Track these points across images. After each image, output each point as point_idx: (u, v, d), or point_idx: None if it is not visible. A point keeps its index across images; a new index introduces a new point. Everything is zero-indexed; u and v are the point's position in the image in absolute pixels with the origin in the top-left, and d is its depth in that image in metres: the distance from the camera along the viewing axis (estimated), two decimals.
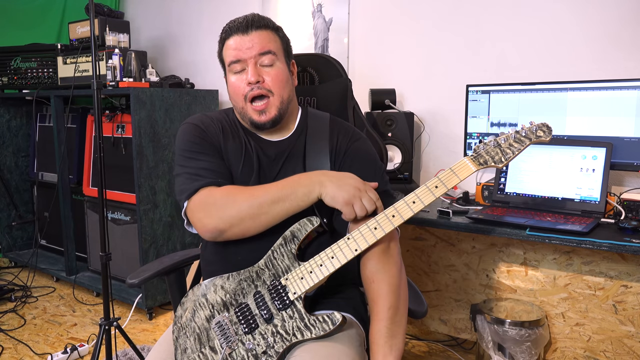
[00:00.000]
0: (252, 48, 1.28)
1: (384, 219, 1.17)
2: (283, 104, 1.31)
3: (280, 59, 1.31)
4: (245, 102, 1.30)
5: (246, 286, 1.23)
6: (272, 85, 1.29)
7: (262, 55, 1.28)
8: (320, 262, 1.19)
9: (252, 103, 1.30)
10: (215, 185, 1.25)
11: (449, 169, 1.16)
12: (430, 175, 2.55)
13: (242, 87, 1.29)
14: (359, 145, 1.37)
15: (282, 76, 1.31)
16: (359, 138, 1.39)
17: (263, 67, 1.29)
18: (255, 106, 1.29)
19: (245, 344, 1.18)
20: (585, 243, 1.61)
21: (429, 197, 1.16)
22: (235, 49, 1.28)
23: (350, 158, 1.34)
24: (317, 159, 1.33)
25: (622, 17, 2.07)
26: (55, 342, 2.61)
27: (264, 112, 1.29)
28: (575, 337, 2.14)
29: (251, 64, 1.28)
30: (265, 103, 1.29)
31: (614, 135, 1.91)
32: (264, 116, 1.30)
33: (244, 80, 1.29)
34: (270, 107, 1.30)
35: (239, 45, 1.28)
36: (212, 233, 1.23)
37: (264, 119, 1.30)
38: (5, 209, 3.75)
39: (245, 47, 1.28)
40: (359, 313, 1.36)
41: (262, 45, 1.28)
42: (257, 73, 1.28)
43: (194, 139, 1.33)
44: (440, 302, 2.47)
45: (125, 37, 3.03)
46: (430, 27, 2.53)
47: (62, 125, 3.21)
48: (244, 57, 1.28)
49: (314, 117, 1.41)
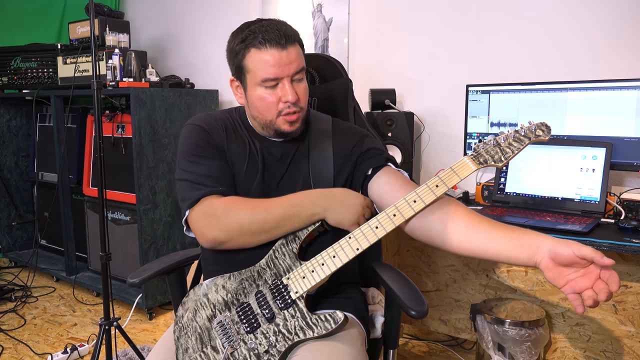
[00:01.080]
0: (290, 66, 1.23)
1: (385, 218, 1.17)
2: (306, 115, 1.33)
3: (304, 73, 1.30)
4: (277, 116, 1.28)
5: (248, 286, 1.23)
6: (304, 101, 1.29)
7: (296, 73, 1.25)
8: (322, 261, 1.19)
9: (284, 115, 1.28)
10: (217, 194, 1.25)
11: (449, 168, 1.16)
12: (430, 175, 2.55)
13: (274, 102, 1.25)
14: (367, 143, 1.36)
15: (307, 89, 1.30)
16: (365, 136, 1.39)
17: (294, 82, 1.26)
18: (287, 117, 1.27)
19: (247, 343, 1.18)
20: (585, 243, 1.61)
21: (430, 196, 1.16)
22: (274, 66, 1.22)
23: (363, 156, 1.33)
24: (321, 161, 1.33)
25: (621, 16, 2.07)
26: (55, 342, 2.61)
27: (294, 123, 1.28)
28: (575, 337, 2.14)
29: (287, 82, 1.24)
30: (297, 115, 1.28)
31: (614, 135, 1.91)
32: (293, 127, 1.29)
33: (277, 96, 1.25)
34: (299, 119, 1.30)
35: (278, 61, 1.22)
36: (212, 243, 1.24)
37: (293, 129, 1.29)
38: (5, 209, 3.75)
39: (284, 63, 1.22)
40: (361, 312, 1.36)
41: (298, 63, 1.25)
42: (295, 92, 1.25)
43: (198, 142, 1.32)
44: (440, 302, 2.48)
45: (125, 37, 3.03)
46: (430, 27, 2.54)
47: (62, 125, 3.21)
48: (282, 74, 1.23)
49: (316, 119, 1.41)
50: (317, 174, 1.31)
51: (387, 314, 1.38)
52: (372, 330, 1.41)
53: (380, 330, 1.41)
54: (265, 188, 1.31)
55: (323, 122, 1.40)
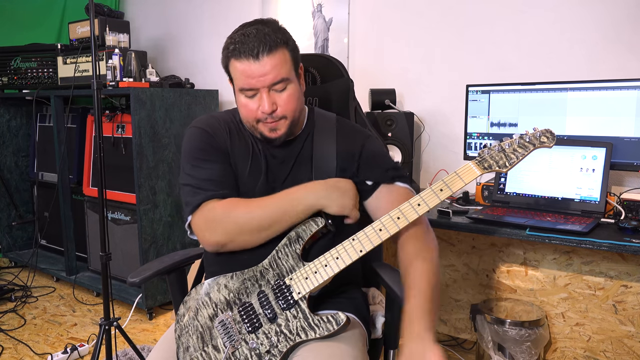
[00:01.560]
0: (264, 77, 1.20)
1: (389, 221, 1.18)
2: (295, 121, 1.30)
3: (292, 79, 1.25)
4: (257, 122, 1.27)
5: (250, 285, 1.23)
6: (286, 110, 1.25)
7: (275, 83, 1.22)
8: (325, 262, 1.19)
9: (264, 122, 1.27)
10: (218, 198, 1.26)
11: (453, 172, 1.18)
12: (430, 175, 2.55)
13: (254, 110, 1.25)
14: (370, 146, 1.36)
15: (294, 97, 1.26)
16: (368, 137, 1.39)
17: (275, 92, 1.24)
18: (267, 125, 1.26)
19: (248, 343, 1.18)
20: (585, 243, 1.62)
21: (434, 200, 1.17)
22: (247, 77, 1.21)
23: (365, 161, 1.34)
24: (324, 161, 1.32)
25: (621, 16, 2.07)
26: (55, 342, 2.61)
27: (275, 129, 1.27)
28: (575, 337, 2.14)
29: (264, 93, 1.22)
30: (276, 124, 1.26)
31: (614, 135, 1.92)
32: (274, 133, 1.27)
33: (256, 104, 1.24)
34: (282, 126, 1.27)
35: (249, 72, 1.20)
36: (214, 247, 1.26)
37: (274, 136, 1.28)
38: (5, 209, 3.75)
39: (257, 74, 1.20)
40: (362, 313, 1.36)
41: (275, 75, 1.21)
42: (271, 102, 1.23)
43: (200, 145, 1.32)
44: (441, 302, 2.48)
45: (125, 37, 3.03)
46: (430, 27, 2.54)
47: (62, 125, 3.21)
48: (256, 86, 1.21)
49: (320, 118, 1.40)
50: (320, 173, 1.31)
51: (388, 314, 1.38)
52: (373, 330, 1.41)
53: (381, 330, 1.42)
54: (269, 189, 1.31)
55: (327, 121, 1.40)
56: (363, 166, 1.33)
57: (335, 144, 1.35)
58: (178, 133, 2.90)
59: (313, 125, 1.38)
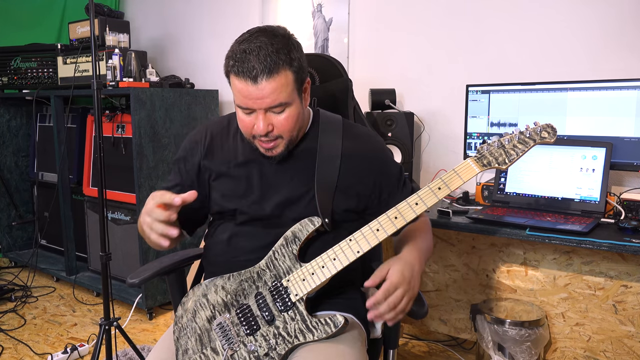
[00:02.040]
0: (262, 101, 1.16)
1: (386, 221, 1.17)
2: (292, 140, 1.26)
3: (293, 102, 1.20)
4: (253, 139, 1.25)
5: (247, 287, 1.23)
6: (282, 130, 1.22)
7: (272, 107, 1.18)
8: (322, 263, 1.18)
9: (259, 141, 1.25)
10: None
11: (452, 170, 1.15)
12: (430, 175, 2.55)
13: (250, 126, 1.22)
14: (376, 150, 1.36)
15: (293, 118, 1.22)
16: (377, 142, 1.39)
17: (273, 113, 1.20)
18: (262, 143, 1.24)
19: (247, 345, 1.18)
20: (585, 243, 1.61)
21: (432, 198, 1.15)
22: (244, 97, 1.17)
23: (368, 163, 1.33)
24: (328, 160, 1.31)
25: (621, 16, 2.07)
26: (55, 342, 2.61)
27: (270, 149, 1.25)
28: (575, 337, 2.14)
29: (261, 114, 1.19)
30: (272, 144, 1.24)
31: (614, 135, 1.91)
32: (271, 152, 1.26)
33: (252, 123, 1.21)
34: (279, 146, 1.25)
35: (246, 93, 1.17)
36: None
37: (272, 154, 1.26)
38: (5, 209, 3.75)
39: (254, 97, 1.16)
40: (361, 314, 1.35)
41: (273, 99, 1.16)
42: (267, 123, 1.19)
43: (177, 159, 1.42)
44: (440, 302, 2.47)
45: (125, 37, 3.02)
46: (430, 27, 2.53)
47: (62, 125, 3.21)
48: (253, 107, 1.18)
49: (326, 120, 1.38)
50: (323, 171, 1.30)
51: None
52: (372, 330, 1.41)
53: (380, 330, 1.41)
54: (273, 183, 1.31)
55: (333, 123, 1.38)
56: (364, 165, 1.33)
57: (341, 145, 1.33)
58: (178, 133, 2.90)
59: (318, 125, 1.37)
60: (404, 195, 1.23)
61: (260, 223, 1.31)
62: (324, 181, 1.29)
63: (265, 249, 1.24)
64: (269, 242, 1.25)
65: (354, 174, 1.31)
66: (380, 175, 1.34)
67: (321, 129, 1.35)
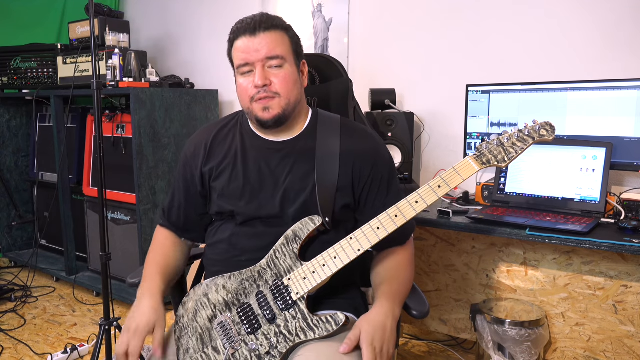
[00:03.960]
0: (259, 51, 1.24)
1: (386, 219, 1.17)
2: (289, 105, 1.29)
3: (289, 61, 1.28)
4: (252, 102, 1.28)
5: (248, 286, 1.23)
6: (280, 87, 1.26)
7: (270, 59, 1.25)
8: (323, 262, 1.19)
9: (258, 101, 1.28)
10: (164, 226, 1.49)
11: (451, 168, 1.16)
12: (430, 175, 2.55)
13: (249, 88, 1.27)
14: (370, 148, 1.36)
15: (290, 78, 1.28)
16: (372, 140, 1.40)
17: (271, 69, 1.26)
18: (259, 102, 1.27)
19: (248, 344, 1.18)
20: (585, 243, 1.61)
21: (432, 197, 1.16)
22: (243, 52, 1.26)
23: (362, 160, 1.34)
24: (327, 158, 1.31)
25: (621, 16, 2.07)
26: (55, 342, 2.61)
27: (267, 109, 1.27)
28: (575, 337, 2.14)
29: (259, 67, 1.25)
30: (268, 100, 1.27)
31: (614, 135, 1.91)
32: (267, 113, 1.27)
33: (251, 82, 1.26)
34: (275, 105, 1.27)
35: (246, 47, 1.25)
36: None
37: (267, 117, 1.28)
38: (5, 209, 3.75)
39: (252, 49, 1.25)
40: (361, 313, 1.35)
41: (269, 49, 1.25)
42: (265, 76, 1.25)
43: (179, 168, 1.47)
44: (440, 302, 2.48)
45: (125, 37, 3.03)
46: (430, 26, 2.54)
47: (62, 125, 3.21)
48: (251, 60, 1.25)
49: (324, 119, 1.40)
50: (322, 169, 1.30)
51: None
52: None
53: None
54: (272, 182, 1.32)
55: (331, 122, 1.39)
56: (363, 165, 1.33)
57: (339, 143, 1.34)
58: (178, 133, 2.90)
59: (316, 124, 1.38)
60: (387, 199, 1.26)
61: (261, 223, 1.31)
62: (324, 180, 1.29)
63: (266, 249, 1.25)
64: (269, 241, 1.25)
65: (351, 171, 1.32)
66: (370, 173, 1.33)
67: (320, 128, 1.36)
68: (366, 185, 1.33)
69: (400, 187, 1.41)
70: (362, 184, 1.33)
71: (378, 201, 1.32)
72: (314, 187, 1.28)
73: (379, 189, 1.34)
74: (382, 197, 1.33)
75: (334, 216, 1.28)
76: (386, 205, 1.21)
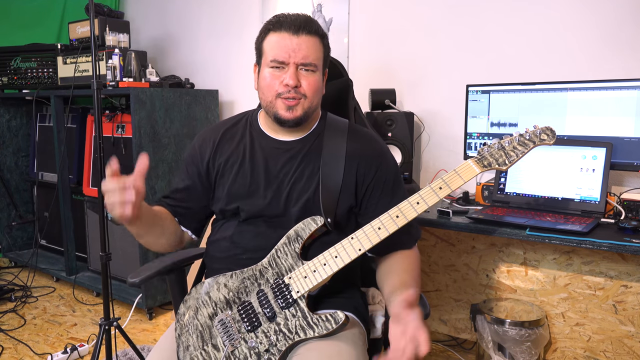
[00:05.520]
0: (297, 52, 1.25)
1: (387, 220, 1.18)
2: (311, 109, 1.31)
3: (319, 69, 1.30)
4: (277, 98, 1.28)
5: (249, 284, 1.24)
6: (307, 90, 1.27)
7: (304, 65, 1.26)
8: (324, 261, 1.19)
9: (285, 99, 1.28)
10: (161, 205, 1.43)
11: (453, 170, 1.17)
12: (430, 175, 2.55)
13: (276, 84, 1.27)
14: (376, 153, 1.37)
15: (318, 85, 1.30)
16: (378, 144, 1.40)
17: (302, 71, 1.27)
18: (285, 101, 1.27)
19: (247, 342, 1.19)
20: (585, 243, 1.61)
21: (433, 198, 1.17)
22: (281, 48, 1.25)
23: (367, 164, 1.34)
24: (333, 160, 1.32)
25: (622, 16, 2.07)
26: (55, 342, 2.61)
27: (292, 108, 1.27)
28: (575, 337, 2.14)
29: (292, 68, 1.25)
30: (295, 101, 1.27)
31: (614, 135, 1.92)
32: (290, 113, 1.28)
33: (279, 78, 1.26)
34: (299, 106, 1.28)
35: (285, 44, 1.25)
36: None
37: (289, 116, 1.28)
38: (5, 209, 3.75)
39: (291, 48, 1.25)
40: (361, 313, 1.36)
41: (307, 54, 1.26)
42: (297, 78, 1.26)
43: (186, 157, 1.46)
44: (440, 302, 2.48)
45: (125, 37, 3.03)
46: (430, 27, 2.54)
47: (62, 125, 3.21)
48: (287, 59, 1.25)
49: (332, 122, 1.41)
50: (327, 171, 1.31)
51: (388, 314, 1.38)
52: (373, 330, 1.42)
53: (381, 330, 1.42)
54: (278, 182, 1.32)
55: (339, 125, 1.41)
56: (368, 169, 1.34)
57: (346, 146, 1.35)
58: (178, 133, 2.90)
59: (324, 125, 1.39)
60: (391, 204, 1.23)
61: (263, 221, 1.32)
62: (329, 181, 1.30)
63: (268, 248, 1.25)
64: (271, 240, 1.26)
65: (355, 174, 1.33)
66: (374, 176, 1.34)
67: (327, 130, 1.38)
68: (369, 188, 1.34)
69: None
70: (365, 186, 1.34)
71: (381, 205, 1.31)
72: (317, 188, 1.29)
73: (382, 193, 1.34)
74: (385, 202, 1.32)
75: (337, 218, 1.29)
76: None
